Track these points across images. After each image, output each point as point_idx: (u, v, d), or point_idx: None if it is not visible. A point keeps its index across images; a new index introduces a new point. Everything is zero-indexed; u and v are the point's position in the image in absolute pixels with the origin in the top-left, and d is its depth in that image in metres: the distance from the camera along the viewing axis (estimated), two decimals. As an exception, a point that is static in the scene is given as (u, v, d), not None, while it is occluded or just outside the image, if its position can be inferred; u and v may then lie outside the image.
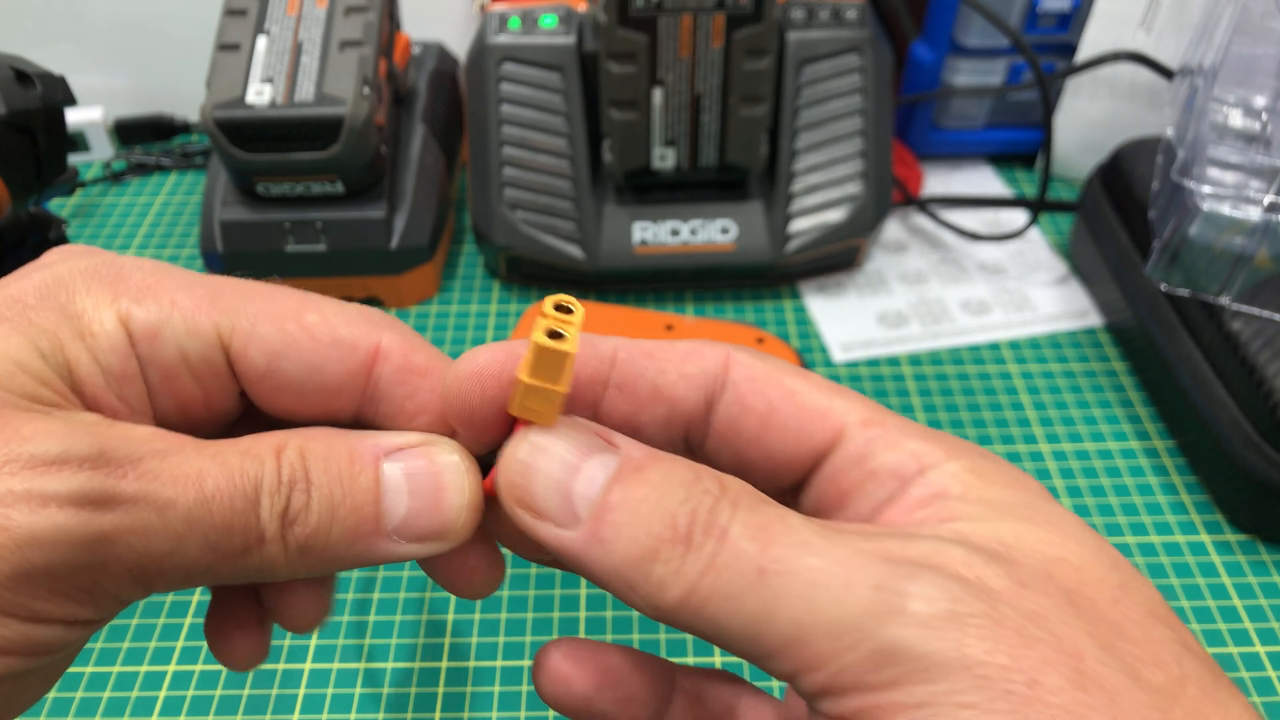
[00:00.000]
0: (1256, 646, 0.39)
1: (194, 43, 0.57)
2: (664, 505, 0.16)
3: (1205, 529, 0.43)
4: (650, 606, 0.16)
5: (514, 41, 0.52)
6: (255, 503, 0.16)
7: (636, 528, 0.16)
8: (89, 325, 0.17)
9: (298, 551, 0.17)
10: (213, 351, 0.18)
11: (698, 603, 0.15)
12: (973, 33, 0.59)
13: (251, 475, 0.16)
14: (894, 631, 0.14)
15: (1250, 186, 0.41)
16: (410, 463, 0.18)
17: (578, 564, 0.17)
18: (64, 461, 0.15)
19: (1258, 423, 0.41)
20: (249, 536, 0.16)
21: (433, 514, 0.18)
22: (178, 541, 0.16)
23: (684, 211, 0.54)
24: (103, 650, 0.39)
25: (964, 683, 0.14)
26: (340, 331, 0.19)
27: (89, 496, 0.15)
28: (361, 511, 0.17)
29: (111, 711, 0.37)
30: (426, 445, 0.18)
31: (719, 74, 0.49)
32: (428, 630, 0.39)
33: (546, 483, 0.17)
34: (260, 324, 0.19)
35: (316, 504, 0.17)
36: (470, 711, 0.37)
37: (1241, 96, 0.42)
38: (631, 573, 0.16)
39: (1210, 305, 0.43)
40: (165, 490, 0.16)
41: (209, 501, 0.16)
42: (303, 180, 0.50)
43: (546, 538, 0.17)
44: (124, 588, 0.16)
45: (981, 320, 0.54)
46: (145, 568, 0.16)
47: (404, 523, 0.18)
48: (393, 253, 0.52)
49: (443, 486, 0.18)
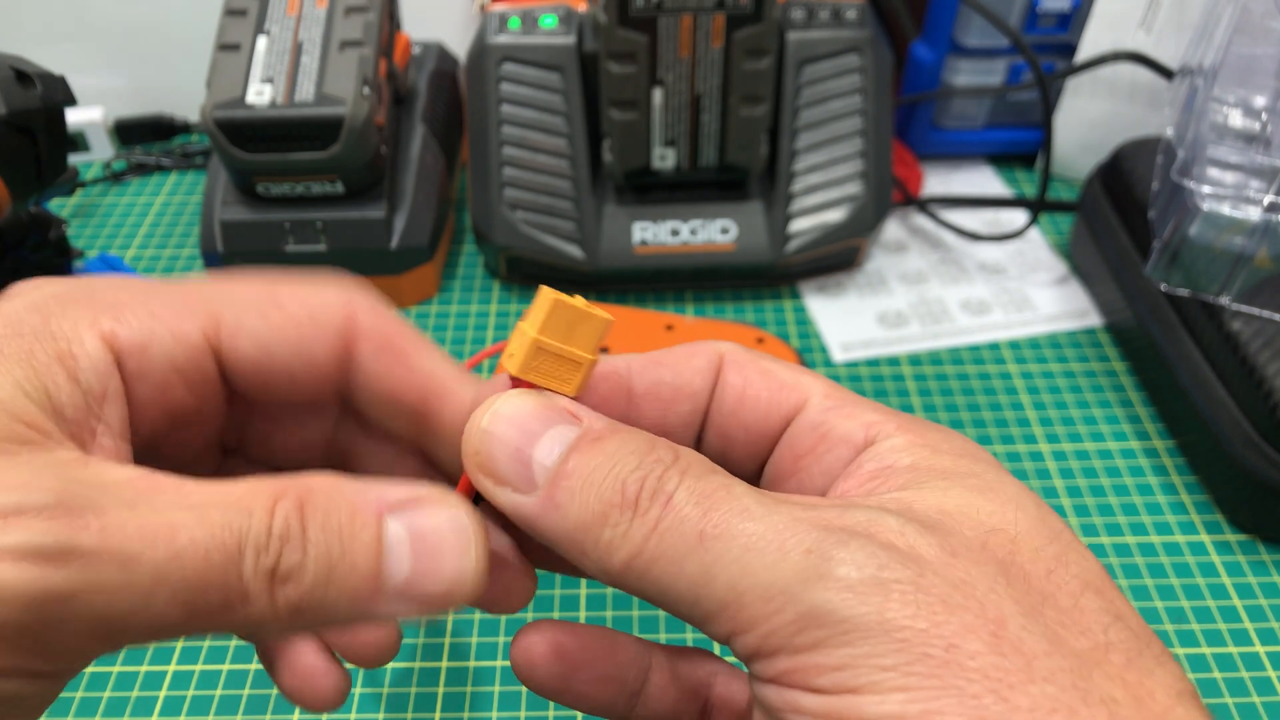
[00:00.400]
0: (1256, 646, 0.39)
1: (194, 43, 0.57)
2: (616, 472, 0.16)
3: (1205, 529, 0.43)
4: (600, 570, 0.16)
5: (514, 41, 0.52)
6: (238, 559, 0.15)
7: (589, 493, 0.16)
8: (68, 348, 0.17)
9: (289, 611, 0.16)
10: (202, 357, 0.18)
11: (642, 566, 0.16)
12: (973, 33, 0.59)
13: (235, 528, 0.15)
14: (820, 595, 0.15)
15: (1250, 186, 0.41)
16: (415, 520, 0.17)
17: (534, 529, 0.17)
18: (19, 512, 0.14)
19: (1258, 423, 0.41)
20: (229, 594, 0.15)
21: (437, 577, 0.17)
22: (144, 598, 0.15)
23: (684, 211, 0.54)
24: (103, 650, 0.39)
25: (884, 646, 0.14)
26: (316, 308, 0.19)
27: (42, 551, 0.14)
28: (361, 572, 0.16)
29: (112, 711, 0.37)
30: (433, 502, 0.17)
31: (719, 74, 0.49)
32: (428, 630, 0.39)
33: (506, 450, 0.17)
34: (244, 318, 0.19)
35: (312, 563, 0.16)
36: (470, 711, 0.37)
37: (1241, 96, 0.42)
38: (583, 537, 0.16)
39: (1210, 305, 0.43)
40: (130, 544, 0.15)
41: (180, 557, 0.15)
42: (303, 180, 0.50)
43: (504, 503, 0.17)
44: (87, 644, 0.15)
45: (981, 320, 0.54)
46: (109, 625, 0.15)
47: (406, 584, 0.17)
48: (393, 253, 0.52)
49: (449, 548, 0.17)
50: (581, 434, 0.17)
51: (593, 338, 0.18)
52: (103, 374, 0.17)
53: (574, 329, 0.18)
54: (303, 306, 0.19)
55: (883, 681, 0.14)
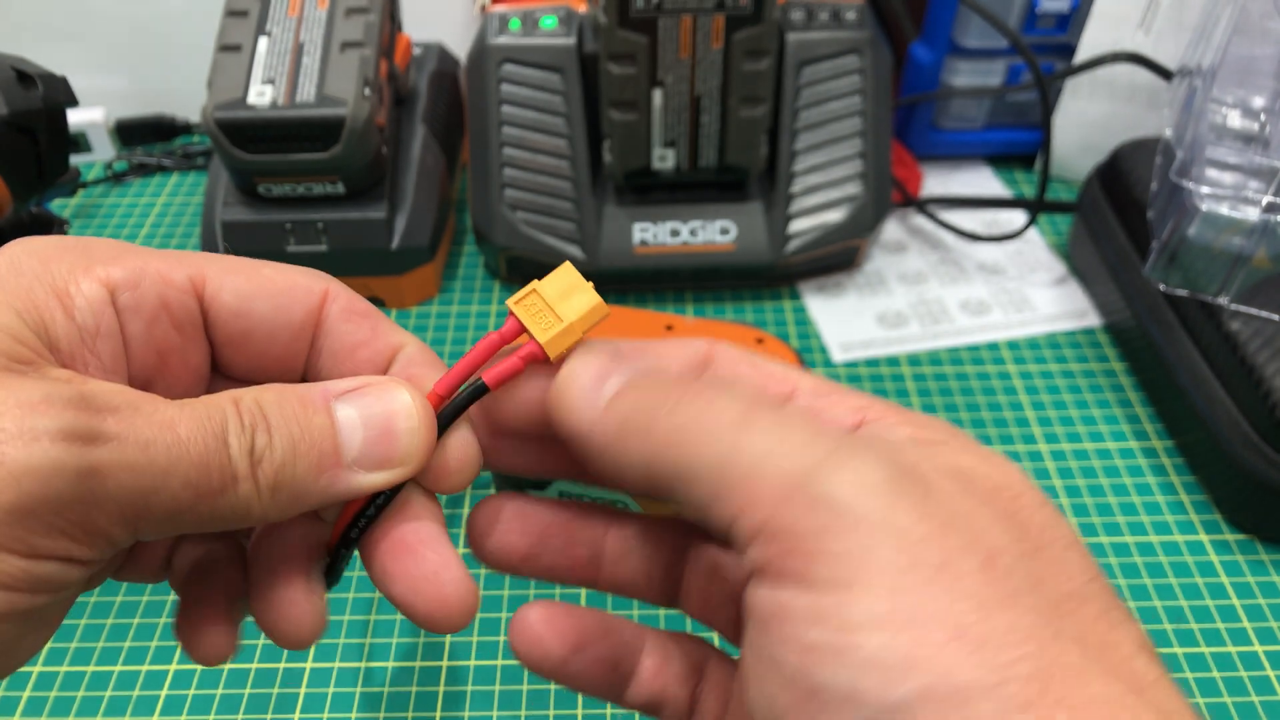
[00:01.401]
0: (1255, 646, 0.39)
1: (195, 44, 0.57)
2: (665, 383, 0.19)
3: (1204, 529, 0.43)
4: (640, 450, 0.18)
5: (514, 42, 0.52)
6: (224, 443, 0.17)
7: (638, 398, 0.19)
8: (65, 287, 0.18)
9: (269, 489, 0.18)
10: (188, 298, 0.20)
11: (680, 438, 0.18)
12: (972, 34, 0.59)
13: (217, 419, 0.18)
14: (833, 485, 0.16)
15: (1249, 187, 0.41)
16: (359, 400, 0.19)
17: (589, 435, 0.19)
18: (49, 403, 0.16)
19: (1256, 423, 0.41)
20: (224, 475, 0.17)
21: (387, 441, 0.19)
22: (162, 478, 0.16)
23: (684, 212, 0.54)
24: (104, 649, 0.39)
25: (884, 545, 0.15)
26: (295, 278, 0.21)
27: (77, 432, 0.16)
28: (321, 446, 0.19)
29: (113, 710, 0.37)
30: (371, 385, 0.20)
31: (719, 75, 0.49)
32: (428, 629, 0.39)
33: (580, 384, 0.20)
34: (227, 274, 0.20)
35: (279, 442, 0.18)
36: (470, 710, 0.37)
37: (1240, 97, 0.42)
38: (625, 428, 0.19)
39: (1209, 305, 0.44)
40: (145, 431, 0.16)
41: (185, 443, 0.17)
42: (304, 181, 0.50)
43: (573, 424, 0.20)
44: (115, 527, 0.16)
45: (981, 320, 0.54)
46: (134, 505, 0.16)
47: (362, 453, 0.19)
48: (393, 253, 0.52)
49: (392, 415, 0.19)
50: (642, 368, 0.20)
51: (583, 310, 0.21)
52: (97, 312, 0.19)
53: (570, 295, 0.21)
54: (283, 275, 0.21)
55: (875, 580, 0.15)
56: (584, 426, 0.19)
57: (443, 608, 0.20)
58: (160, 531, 0.17)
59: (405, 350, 0.22)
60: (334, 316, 0.21)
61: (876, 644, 0.14)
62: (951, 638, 0.14)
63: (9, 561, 0.15)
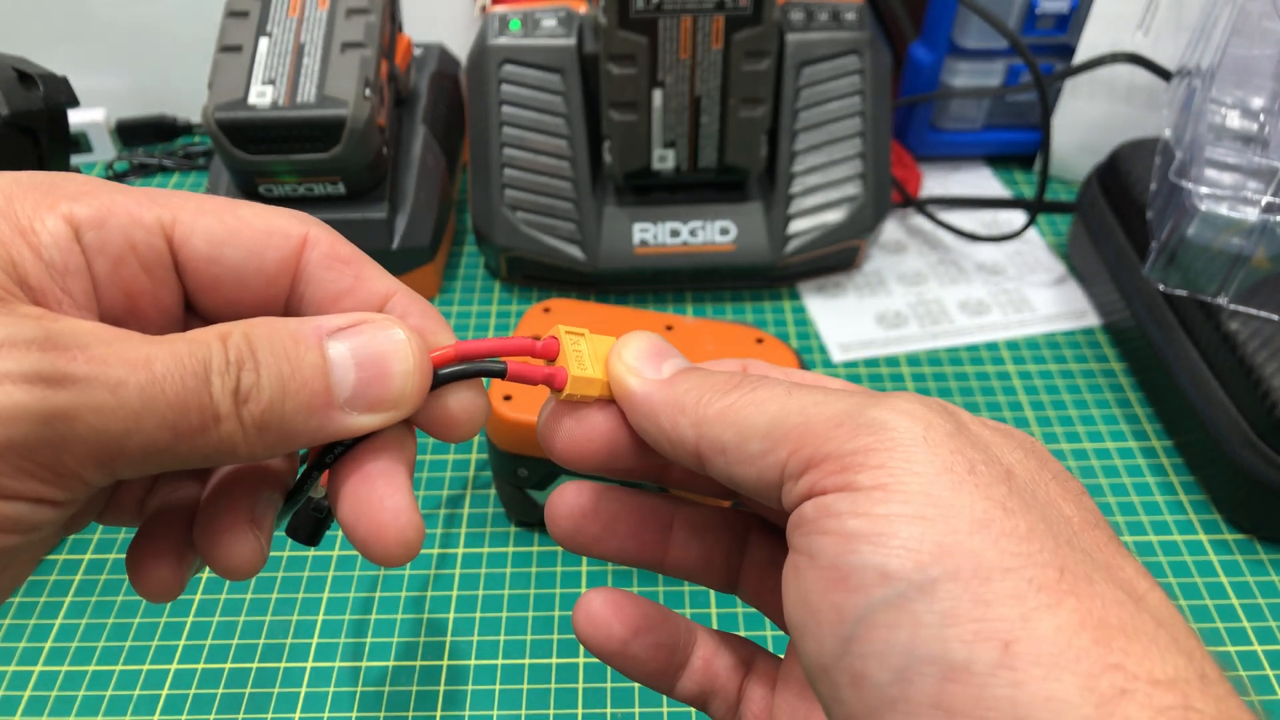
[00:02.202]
0: (1254, 645, 0.39)
1: (196, 44, 0.57)
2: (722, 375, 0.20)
3: (1203, 528, 0.43)
4: (693, 421, 0.19)
5: (515, 43, 0.52)
6: (206, 382, 0.17)
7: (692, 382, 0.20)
8: (30, 224, 0.18)
9: (255, 429, 0.17)
10: (156, 239, 0.19)
11: (734, 409, 0.19)
12: (971, 34, 0.59)
13: (199, 357, 0.17)
14: (874, 413, 0.17)
15: (1248, 187, 0.41)
16: (353, 339, 0.19)
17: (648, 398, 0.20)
18: (11, 344, 0.15)
19: (1255, 422, 0.41)
20: (204, 415, 0.17)
21: (381, 382, 0.19)
22: (134, 420, 0.16)
23: (684, 212, 0.54)
24: (105, 649, 0.39)
25: (919, 456, 0.17)
26: (273, 221, 0.20)
27: (42, 375, 0.15)
28: (312, 385, 0.18)
29: (114, 709, 0.37)
30: (366, 323, 0.19)
31: (718, 76, 0.49)
32: (429, 629, 0.39)
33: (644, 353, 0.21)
34: (200, 217, 0.20)
35: (266, 381, 0.18)
36: (471, 710, 0.37)
37: (1239, 98, 0.42)
38: (685, 399, 0.20)
39: (1208, 305, 0.44)
40: (116, 371, 0.16)
41: (160, 381, 0.16)
42: (304, 181, 0.50)
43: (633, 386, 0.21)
44: (88, 469, 0.16)
45: (980, 320, 0.54)
46: (106, 447, 0.16)
47: (354, 394, 0.19)
48: (394, 253, 0.52)
49: (387, 356, 0.19)
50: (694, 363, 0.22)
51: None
52: (64, 249, 0.18)
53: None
54: (260, 219, 0.20)
55: (911, 484, 0.16)
56: (644, 389, 0.20)
57: (381, 537, 0.19)
58: (139, 471, 0.17)
59: (395, 299, 0.21)
60: (314, 263, 0.21)
61: (910, 532, 0.16)
62: (978, 529, 0.16)
63: None
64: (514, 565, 0.42)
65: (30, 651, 0.39)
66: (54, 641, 0.39)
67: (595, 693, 0.37)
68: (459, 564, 0.42)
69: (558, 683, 0.38)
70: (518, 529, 0.43)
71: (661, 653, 0.23)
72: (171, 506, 0.21)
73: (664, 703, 0.37)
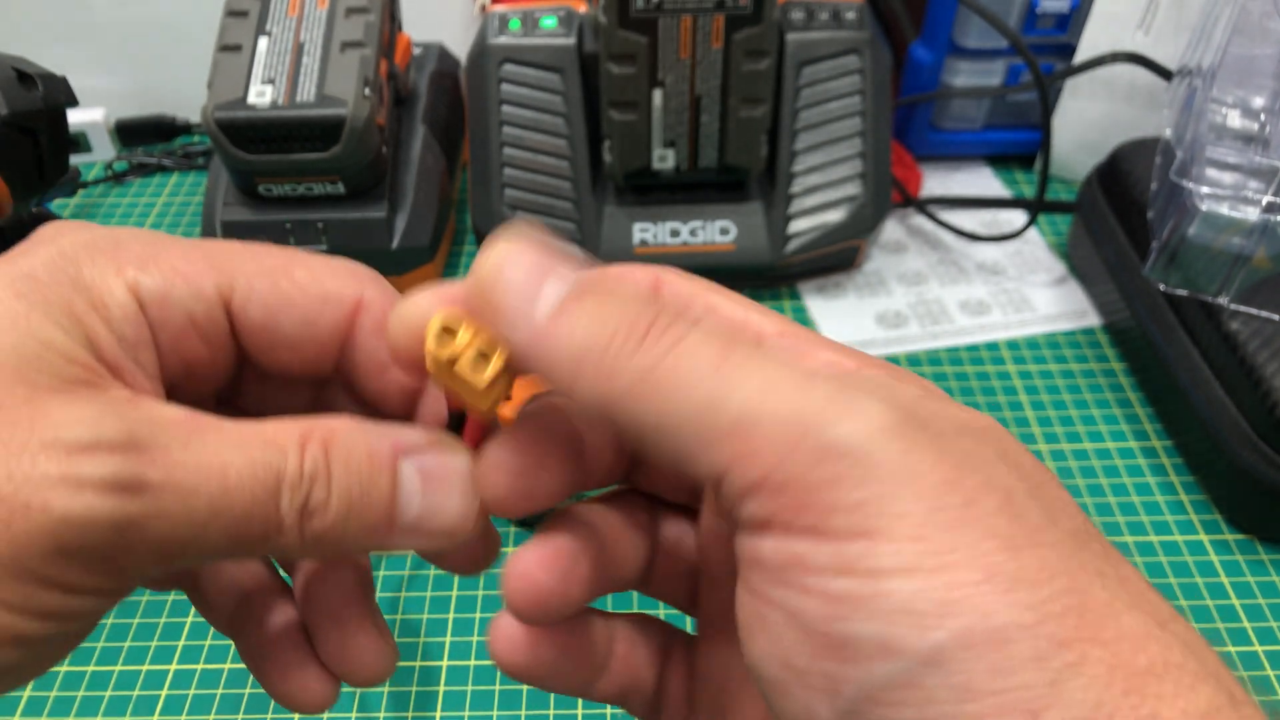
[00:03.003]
0: (1254, 645, 0.39)
1: (195, 44, 0.57)
2: (623, 310, 0.16)
3: (1203, 528, 0.43)
4: (597, 393, 0.16)
5: (514, 42, 0.52)
6: (276, 495, 0.17)
7: (592, 323, 0.16)
8: (100, 297, 0.18)
9: (313, 541, 0.18)
10: (216, 311, 0.19)
11: (649, 386, 0.15)
12: (971, 34, 0.59)
13: (274, 468, 0.17)
14: (845, 429, 0.14)
15: (1248, 187, 0.41)
16: (425, 463, 0.19)
17: (532, 353, 0.16)
18: (95, 447, 0.15)
19: (1256, 422, 0.41)
20: (268, 526, 0.17)
21: (444, 515, 0.19)
22: (200, 529, 0.16)
23: (684, 212, 0.54)
24: (105, 649, 0.39)
25: (905, 490, 0.14)
26: (328, 286, 0.20)
27: (120, 482, 0.15)
28: (377, 509, 0.18)
29: (114, 710, 0.37)
30: (441, 448, 0.19)
31: (718, 75, 0.49)
32: (429, 629, 0.39)
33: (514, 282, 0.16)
34: (256, 282, 0.20)
35: (336, 500, 0.17)
36: (470, 710, 0.37)
37: (1240, 97, 0.42)
38: (582, 362, 0.16)
39: (1209, 305, 0.44)
40: (190, 479, 0.16)
41: (231, 493, 0.16)
42: (304, 181, 0.50)
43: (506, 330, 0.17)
44: (147, 566, 0.16)
45: (980, 321, 0.54)
46: (169, 550, 0.16)
47: (416, 521, 0.18)
48: (394, 253, 0.52)
49: (455, 488, 0.19)
50: (588, 277, 0.17)
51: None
52: (134, 321, 0.18)
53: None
54: (315, 283, 0.20)
55: (899, 529, 0.14)
56: (520, 335, 0.16)
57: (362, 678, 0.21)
58: (191, 565, 0.18)
59: None
60: (366, 329, 0.20)
61: (909, 590, 0.14)
62: (984, 579, 0.14)
63: (50, 596, 0.16)
64: (514, 565, 0.42)
65: (29, 652, 0.39)
66: (53, 642, 0.39)
67: (595, 693, 0.37)
68: (459, 564, 0.42)
69: (557, 683, 0.38)
70: (517, 529, 0.43)
71: (584, 665, 0.21)
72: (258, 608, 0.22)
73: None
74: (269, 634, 0.21)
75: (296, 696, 0.21)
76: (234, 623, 0.22)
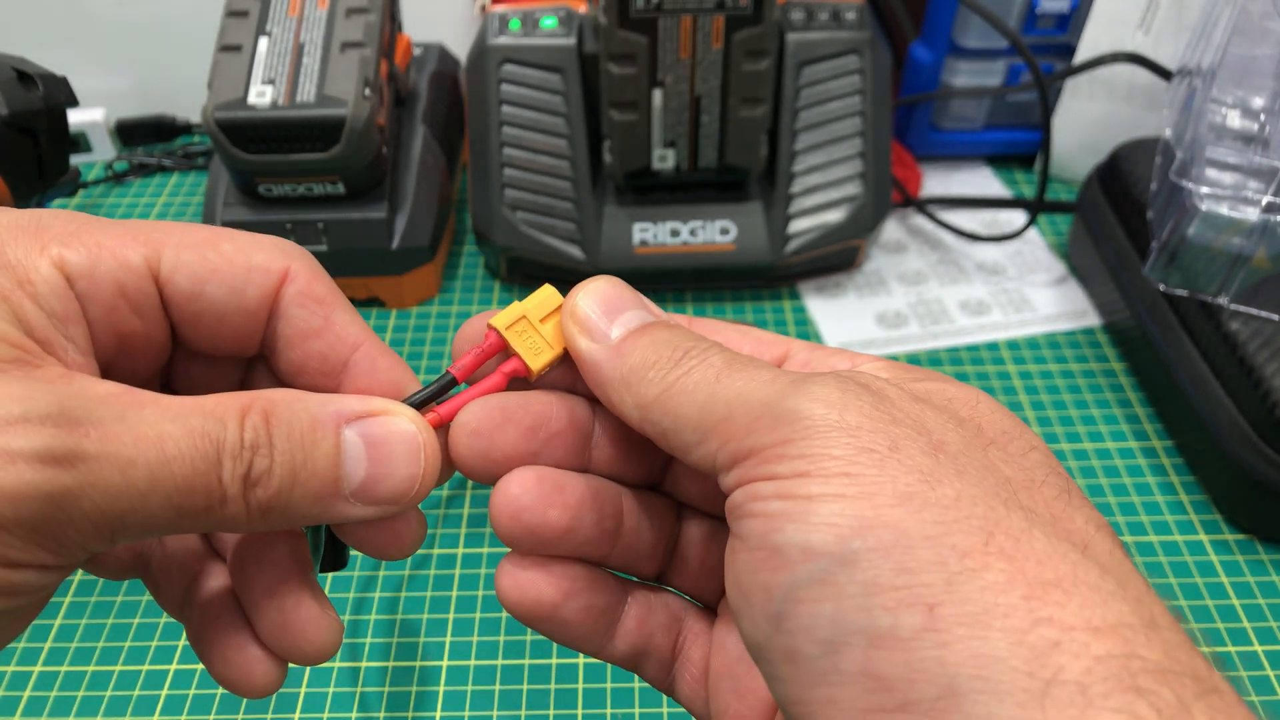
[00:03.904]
0: (1254, 645, 0.39)
1: (196, 44, 0.57)
2: (671, 342, 0.20)
3: (1203, 528, 0.43)
4: (635, 402, 0.20)
5: (514, 43, 0.52)
6: (217, 465, 0.17)
7: (647, 350, 0.20)
8: (26, 274, 0.18)
9: (259, 511, 0.18)
10: (145, 282, 0.19)
11: (668, 396, 0.19)
12: (971, 34, 0.59)
13: (214, 437, 0.17)
14: (792, 402, 0.17)
15: (1248, 187, 0.41)
16: (369, 429, 0.19)
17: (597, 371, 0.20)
18: (26, 420, 0.15)
19: (1256, 422, 0.41)
20: (211, 496, 0.17)
21: (389, 481, 0.19)
22: (140, 499, 0.16)
23: (684, 212, 0.54)
24: (105, 649, 0.39)
25: (837, 439, 0.17)
26: (255, 258, 0.20)
27: (53, 454, 0.15)
28: (321, 476, 0.18)
29: (114, 710, 0.37)
30: (385, 414, 0.19)
31: (718, 75, 0.49)
32: (429, 629, 0.39)
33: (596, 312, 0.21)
34: (183, 254, 0.20)
35: (279, 468, 0.18)
36: (471, 710, 0.37)
37: (1240, 97, 0.42)
38: (630, 377, 0.20)
39: (1208, 305, 0.44)
40: (127, 450, 0.16)
41: (171, 463, 0.16)
42: (304, 181, 0.50)
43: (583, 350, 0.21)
44: (89, 539, 0.16)
45: (980, 320, 0.54)
46: (109, 522, 0.16)
47: (361, 487, 0.19)
48: (394, 253, 0.52)
49: (399, 455, 0.19)
50: (653, 320, 0.21)
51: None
52: (62, 296, 0.18)
53: (554, 318, 0.22)
54: (242, 254, 0.20)
55: (830, 466, 0.16)
56: (592, 354, 0.20)
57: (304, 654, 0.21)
58: (137, 539, 0.17)
59: (362, 349, 0.21)
60: (288, 299, 0.21)
61: (831, 509, 0.16)
62: (899, 503, 0.16)
63: None
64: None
65: (30, 651, 0.39)
66: (54, 641, 0.39)
67: (595, 693, 0.37)
68: (459, 564, 0.42)
69: (557, 684, 0.38)
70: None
71: (592, 615, 0.22)
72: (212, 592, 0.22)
73: (664, 702, 0.37)
74: (210, 616, 0.21)
75: (237, 679, 0.21)
76: (184, 608, 0.22)
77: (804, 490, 0.16)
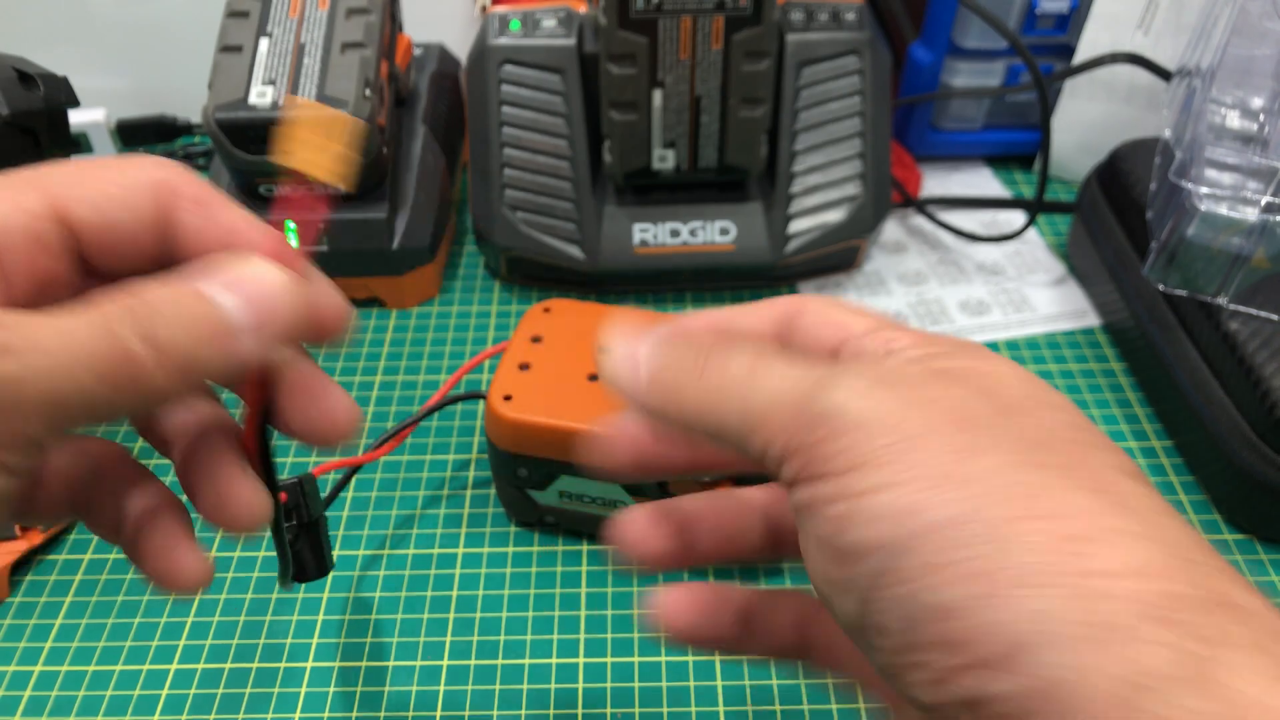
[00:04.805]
0: (1253, 645, 0.39)
1: (196, 44, 0.57)
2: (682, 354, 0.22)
3: (1203, 529, 0.43)
4: (679, 415, 0.22)
5: (515, 43, 0.52)
6: (120, 336, 0.18)
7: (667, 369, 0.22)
8: None
9: (176, 369, 0.19)
10: (51, 224, 0.21)
11: (705, 403, 0.21)
12: (971, 34, 0.59)
13: (104, 312, 0.19)
14: (825, 400, 0.19)
15: (1247, 187, 0.41)
16: (225, 276, 0.21)
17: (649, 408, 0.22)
18: None
19: (1255, 422, 0.41)
20: (131, 366, 0.18)
21: (267, 303, 0.21)
22: (71, 376, 0.18)
23: (684, 212, 0.54)
24: (105, 649, 0.39)
25: (872, 432, 0.18)
26: (136, 174, 0.22)
27: None
28: (208, 319, 0.20)
29: (114, 710, 0.37)
30: (230, 263, 0.21)
31: (718, 76, 0.49)
32: (429, 629, 0.39)
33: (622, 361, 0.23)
34: (75, 189, 0.21)
35: (166, 325, 0.19)
36: (470, 710, 0.37)
37: (1239, 98, 0.42)
38: (665, 398, 0.22)
39: (1208, 305, 0.44)
40: (48, 339, 0.18)
41: (85, 343, 0.18)
42: (304, 181, 0.50)
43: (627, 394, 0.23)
44: (37, 428, 0.18)
45: (980, 321, 0.54)
46: (53, 404, 0.18)
47: (250, 317, 0.20)
48: (394, 253, 0.52)
49: (259, 279, 0.21)
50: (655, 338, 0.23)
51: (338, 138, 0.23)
52: None
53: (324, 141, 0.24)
54: (123, 173, 0.22)
55: (870, 458, 0.18)
56: (636, 398, 0.23)
57: (334, 432, 0.23)
58: (84, 423, 0.19)
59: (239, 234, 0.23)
60: (175, 207, 0.22)
61: (880, 502, 0.18)
62: (939, 483, 0.17)
63: None
64: (514, 565, 0.42)
65: (30, 651, 0.39)
66: (54, 641, 0.39)
67: (595, 693, 0.37)
68: (459, 564, 0.42)
69: (557, 683, 0.38)
70: (518, 529, 0.43)
71: (731, 627, 0.25)
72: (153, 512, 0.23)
73: (664, 701, 0.37)
74: (142, 520, 0.23)
75: (169, 574, 0.23)
76: (118, 530, 0.23)
77: (853, 486, 0.18)
